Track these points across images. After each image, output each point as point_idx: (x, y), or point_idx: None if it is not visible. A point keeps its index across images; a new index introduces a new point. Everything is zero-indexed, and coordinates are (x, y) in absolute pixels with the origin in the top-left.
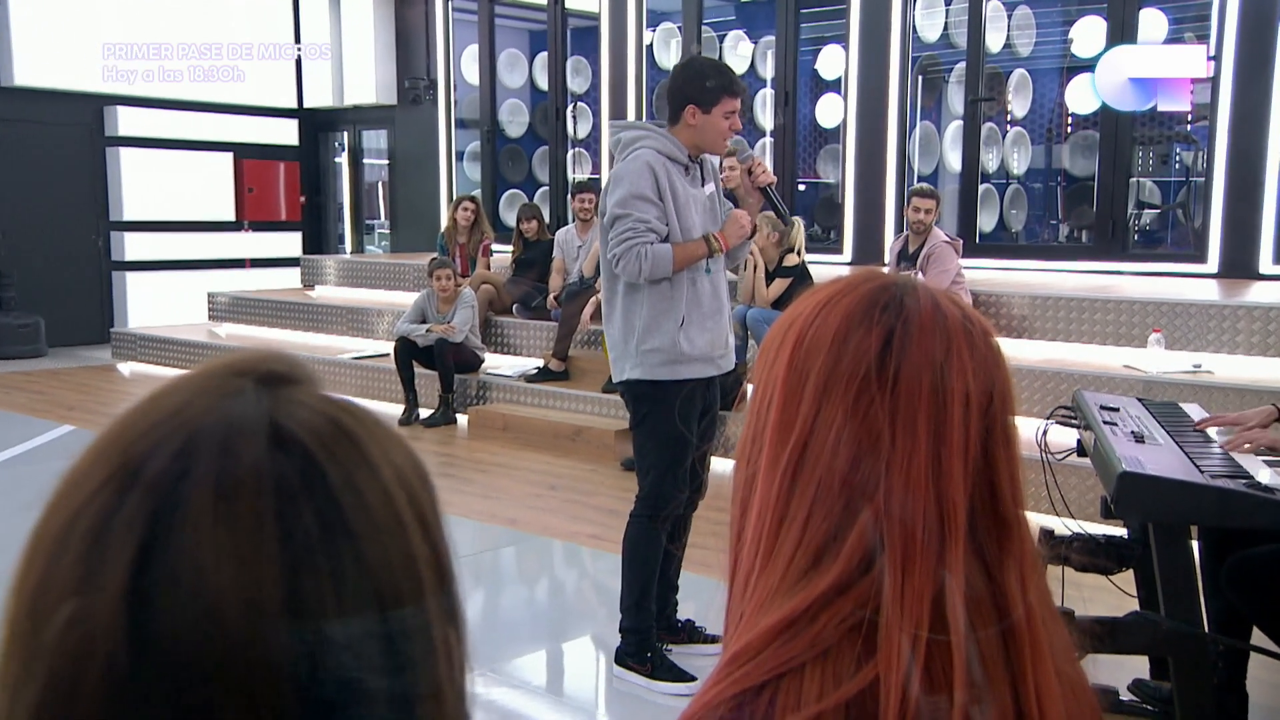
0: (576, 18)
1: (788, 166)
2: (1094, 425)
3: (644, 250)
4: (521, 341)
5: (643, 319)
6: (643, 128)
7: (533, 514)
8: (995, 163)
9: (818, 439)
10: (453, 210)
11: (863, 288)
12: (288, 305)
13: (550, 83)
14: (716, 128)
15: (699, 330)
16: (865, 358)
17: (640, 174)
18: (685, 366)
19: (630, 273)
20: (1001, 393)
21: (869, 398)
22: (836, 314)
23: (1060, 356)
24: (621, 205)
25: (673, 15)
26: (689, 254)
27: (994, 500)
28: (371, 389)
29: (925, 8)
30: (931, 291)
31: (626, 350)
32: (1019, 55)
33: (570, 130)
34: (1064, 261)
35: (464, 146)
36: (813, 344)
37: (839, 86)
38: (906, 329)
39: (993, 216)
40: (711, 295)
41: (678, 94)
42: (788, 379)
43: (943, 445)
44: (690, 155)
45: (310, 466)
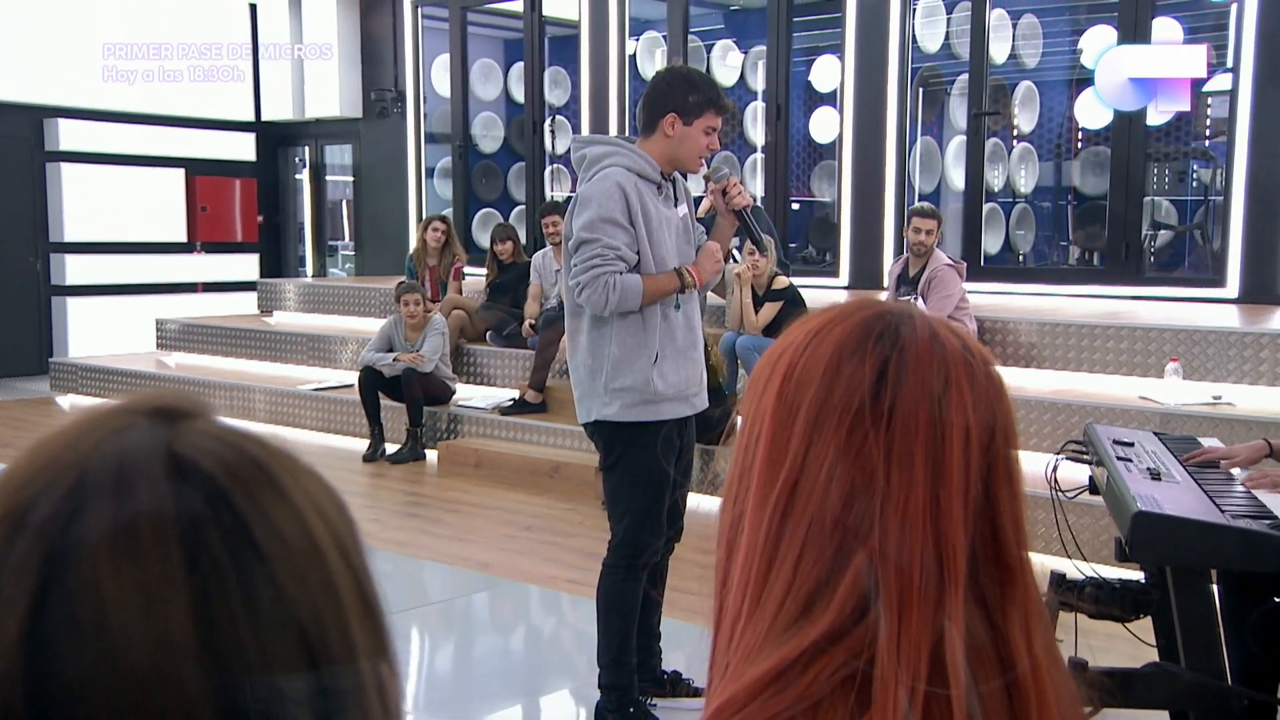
0: (555, 26)
1: (780, 184)
2: (1107, 461)
3: (612, 280)
4: (495, 371)
5: (612, 355)
6: (610, 142)
7: (507, 557)
8: (1001, 181)
9: (809, 476)
10: (422, 231)
11: (856, 316)
12: (243, 333)
13: (527, 95)
14: (695, 142)
15: (673, 367)
16: (859, 390)
17: (610, 195)
18: (659, 406)
19: (595, 304)
20: (1004, 427)
21: (863, 432)
22: (828, 344)
23: (1071, 387)
24: (589, 229)
25: (657, 24)
26: (660, 288)
27: (996, 542)
28: (334, 422)
29: (925, 17)
30: (929, 320)
31: (594, 388)
32: (1025, 66)
33: (548, 145)
34: (1074, 286)
35: (434, 163)
36: (803, 375)
37: (834, 99)
38: (902, 360)
39: (998, 238)
40: (685, 329)
41: (659, 100)
42: (777, 412)
43: (941, 483)
44: (663, 172)
45: (215, 493)
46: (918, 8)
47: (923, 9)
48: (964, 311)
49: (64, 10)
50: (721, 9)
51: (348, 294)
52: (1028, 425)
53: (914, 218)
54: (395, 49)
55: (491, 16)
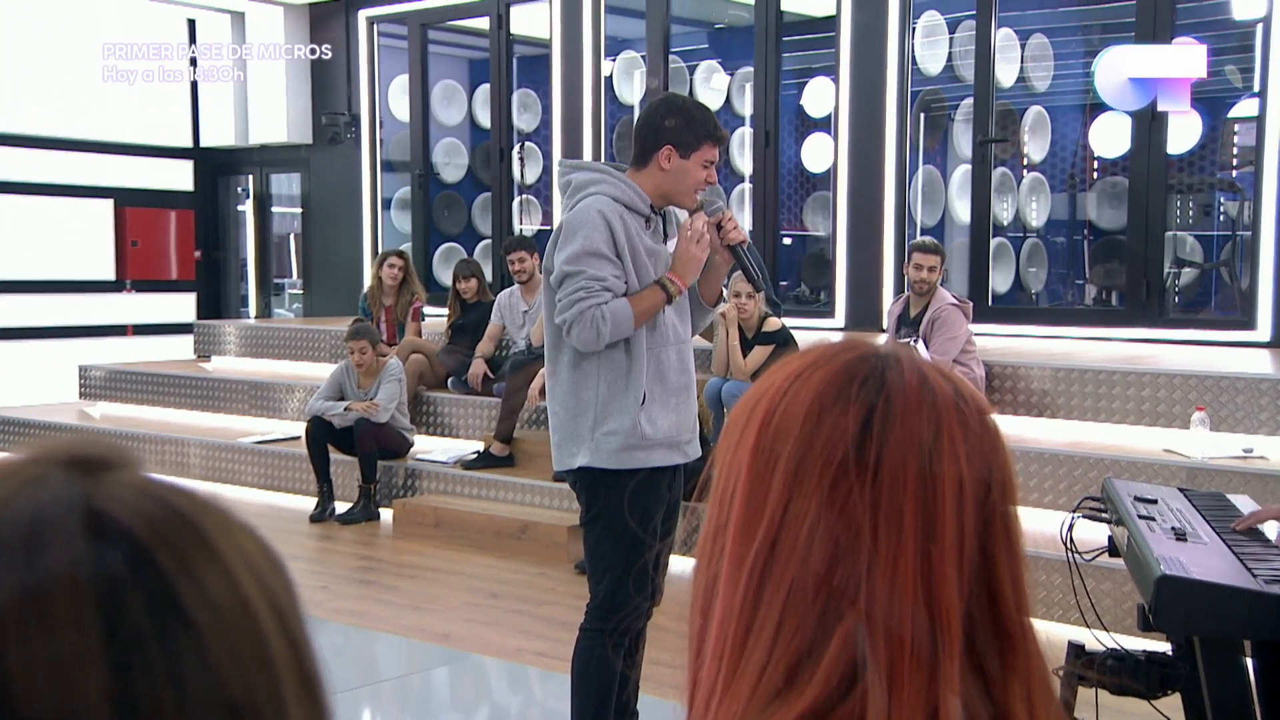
0: (524, 45)
1: (769, 217)
2: (1127, 520)
3: (600, 312)
4: (458, 421)
5: (599, 395)
6: (598, 169)
7: (470, 628)
8: (1009, 213)
9: (789, 534)
10: (377, 267)
11: (839, 359)
12: (178, 380)
13: (493, 119)
14: (692, 177)
15: (663, 410)
16: (842, 440)
17: (594, 226)
18: (647, 453)
19: (587, 341)
20: (1001, 481)
21: (847, 486)
22: (809, 389)
23: (1087, 439)
24: (572, 262)
25: (635, 43)
26: (647, 304)
27: (994, 607)
28: (278, 479)
29: (926, 36)
30: (918, 363)
31: (577, 432)
32: (1035, 90)
33: (516, 174)
34: (1091, 328)
35: (391, 193)
36: (782, 424)
37: (828, 125)
38: (889, 407)
39: (1008, 275)
40: (678, 370)
41: (654, 132)
42: (753, 464)
43: (933, 541)
44: (653, 205)
45: (137, 553)
46: (918, 27)
47: (923, 28)
48: (970, 355)
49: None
50: (705, 27)
51: (295, 337)
52: (1041, 481)
53: (915, 253)
54: (349, 69)
55: (454, 34)
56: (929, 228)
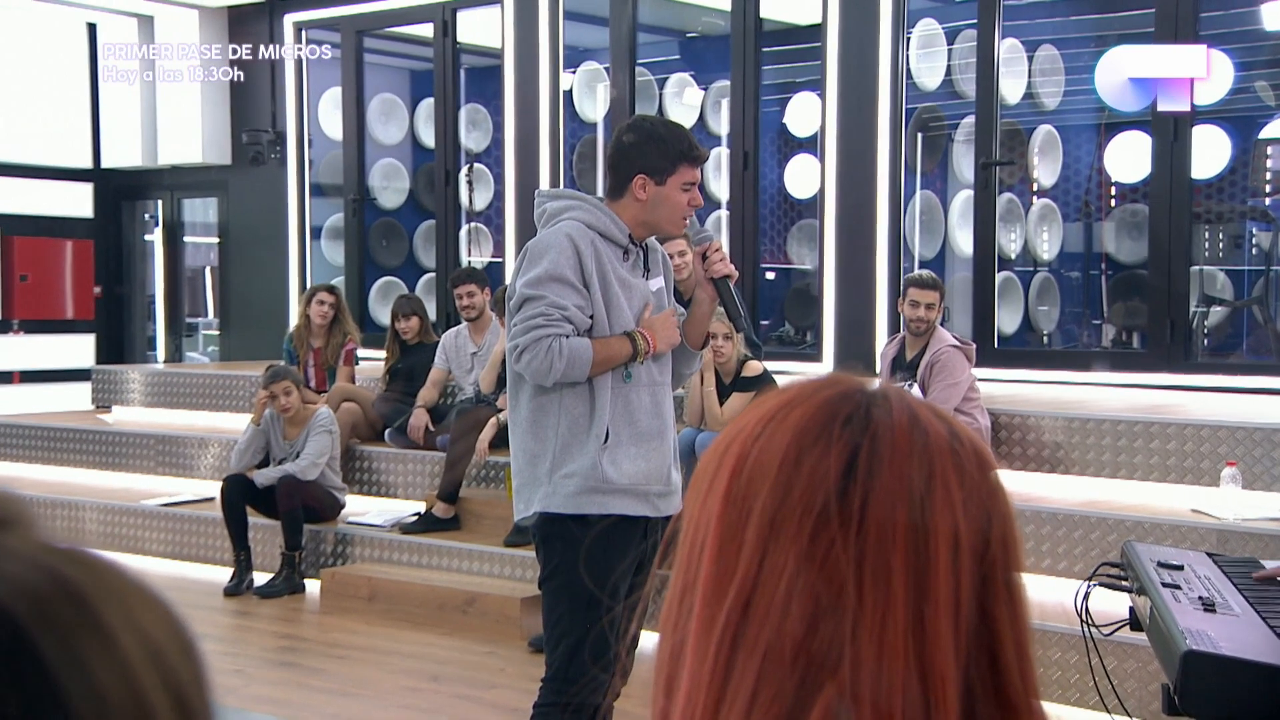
0: (472, 55)
1: (749, 248)
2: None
3: (557, 345)
4: (396, 478)
5: (559, 435)
6: (575, 197)
7: (408, 715)
8: (1017, 244)
9: (764, 594)
10: (305, 304)
11: (819, 396)
12: (73, 434)
13: (438, 138)
14: (672, 203)
15: (630, 454)
16: (823, 485)
17: (560, 249)
18: (607, 498)
19: (537, 370)
20: (1002, 534)
21: (829, 537)
22: (785, 430)
23: (1106, 497)
24: (534, 285)
25: (598, 53)
26: (610, 353)
27: (996, 676)
28: (188, 546)
29: (922, 47)
30: (908, 401)
31: (535, 475)
32: (1044, 108)
33: (464, 200)
34: (1109, 373)
35: (321, 220)
36: (755, 470)
37: (814, 146)
38: (875, 449)
39: (1015, 314)
40: (651, 413)
41: (624, 160)
42: (725, 515)
43: (925, 601)
44: (633, 237)
45: (17, 640)
46: (913, 36)
47: (919, 38)
48: (973, 404)
49: None
50: (676, 36)
51: (210, 384)
52: (1053, 545)
53: (912, 289)
54: (274, 81)
55: (394, 42)
56: (927, 260)
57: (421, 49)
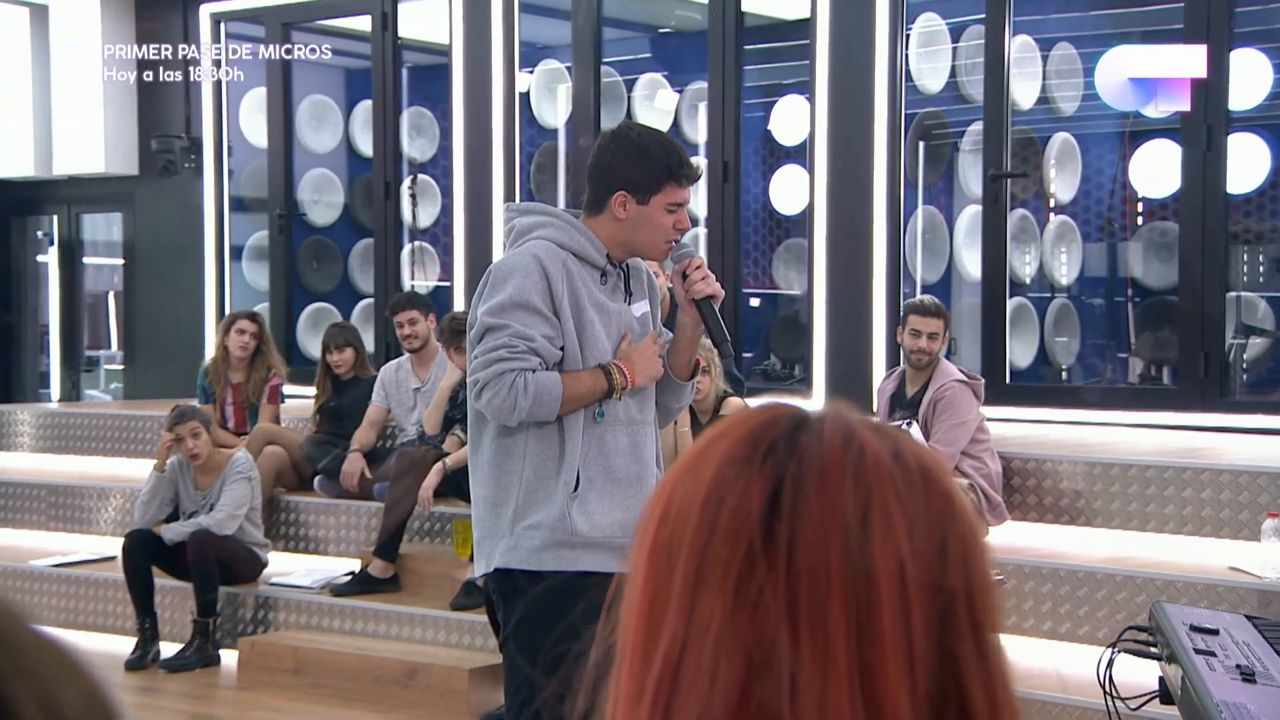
0: (416, 51)
1: (730, 270)
2: (1181, 656)
3: (522, 380)
4: (327, 533)
5: (524, 480)
6: (546, 213)
7: None
8: (1031, 267)
9: (693, 654)
10: (223, 334)
11: (744, 426)
12: None
13: (377, 146)
14: (655, 226)
15: (603, 502)
16: (745, 526)
17: (526, 273)
18: (577, 553)
19: (499, 409)
20: (960, 555)
21: (756, 586)
22: (709, 466)
23: (1131, 553)
24: (497, 313)
25: (558, 50)
26: (582, 389)
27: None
28: (83, 613)
29: (924, 46)
30: (845, 420)
31: (497, 526)
32: (1061, 113)
33: (407, 215)
34: (1135, 412)
35: (243, 239)
36: (680, 514)
37: (802, 155)
38: (801, 478)
39: (1029, 346)
40: (629, 455)
41: (604, 174)
42: (652, 568)
43: (871, 647)
44: (611, 258)
45: None
46: (913, 33)
47: (920, 34)
48: (983, 446)
49: None
50: (647, 32)
51: (112, 426)
52: (1074, 606)
53: (912, 316)
54: (188, 80)
55: (326, 38)
56: (930, 285)
57: (358, 45)
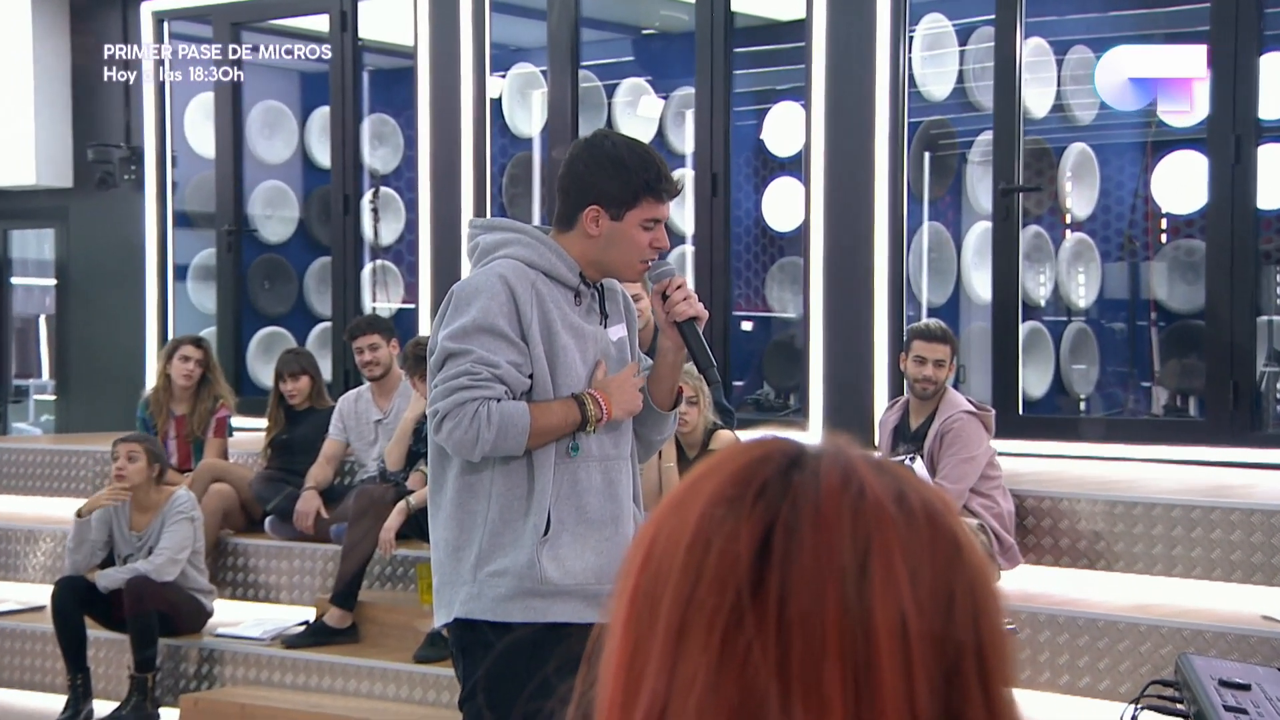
0: (378, 54)
1: (718, 292)
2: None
3: (485, 410)
4: (278, 579)
5: (488, 522)
6: (514, 229)
7: None
8: (1046, 289)
9: (674, 714)
10: (165, 361)
11: (735, 462)
12: None
13: (336, 156)
14: (629, 244)
15: (575, 546)
16: (733, 574)
17: (491, 294)
18: (547, 603)
19: (460, 442)
20: (969, 608)
21: (744, 641)
22: (694, 507)
23: (1156, 600)
24: (459, 338)
25: (533, 53)
26: (553, 421)
27: None
28: (10, 668)
29: (928, 49)
30: (845, 457)
31: (458, 572)
32: (1077, 123)
33: (368, 231)
34: (1159, 446)
35: (188, 257)
36: (663, 559)
37: (798, 167)
38: (794, 521)
39: (1044, 374)
40: (604, 494)
41: (576, 186)
42: (631, 619)
43: (870, 709)
44: (585, 277)
45: None
46: (917, 35)
47: (924, 37)
48: (993, 483)
49: None
50: (630, 33)
51: (43, 463)
52: (1093, 659)
53: (917, 342)
54: (128, 84)
55: (280, 38)
56: (936, 307)
57: (314, 46)
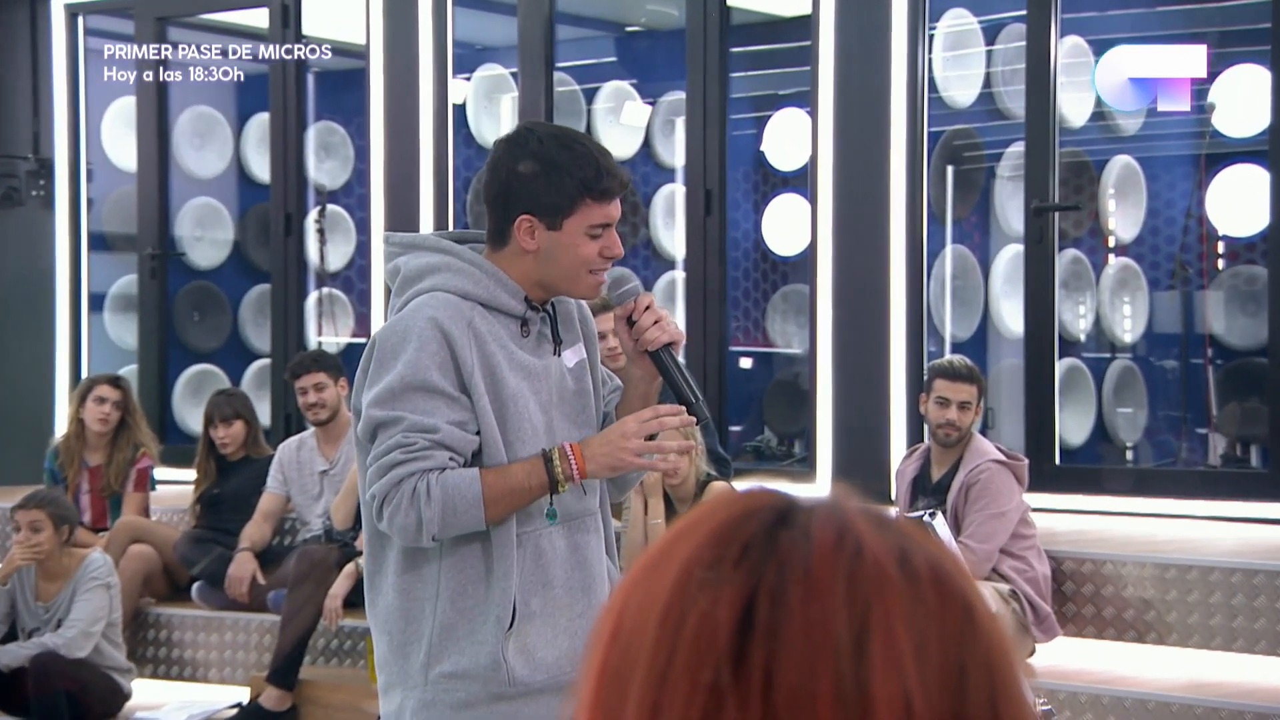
0: (326, 54)
1: (713, 324)
2: None
3: (424, 483)
4: (207, 654)
5: (438, 613)
6: (439, 249)
7: None
8: (1086, 320)
9: None
10: (78, 404)
11: (713, 520)
12: None
13: (276, 169)
14: (574, 255)
15: (545, 632)
16: (712, 650)
17: (421, 342)
18: (518, 706)
19: (402, 529)
20: (984, 686)
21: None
22: (669, 571)
23: (1214, 678)
24: (385, 403)
25: (502, 53)
26: (512, 484)
27: None
28: None
29: (950, 49)
30: (839, 512)
31: (405, 672)
32: (1121, 132)
33: (313, 255)
34: (1217, 502)
35: (106, 285)
36: (635, 630)
37: (803, 183)
38: (781, 587)
39: (1085, 419)
40: (571, 563)
41: (503, 193)
42: (600, 700)
43: None
44: (531, 300)
45: None
46: (937, 33)
47: (946, 36)
48: (1027, 544)
49: None
50: (612, 30)
51: None
52: None
53: (939, 382)
54: (36, 87)
55: (212, 35)
56: (961, 343)
57: (251, 44)
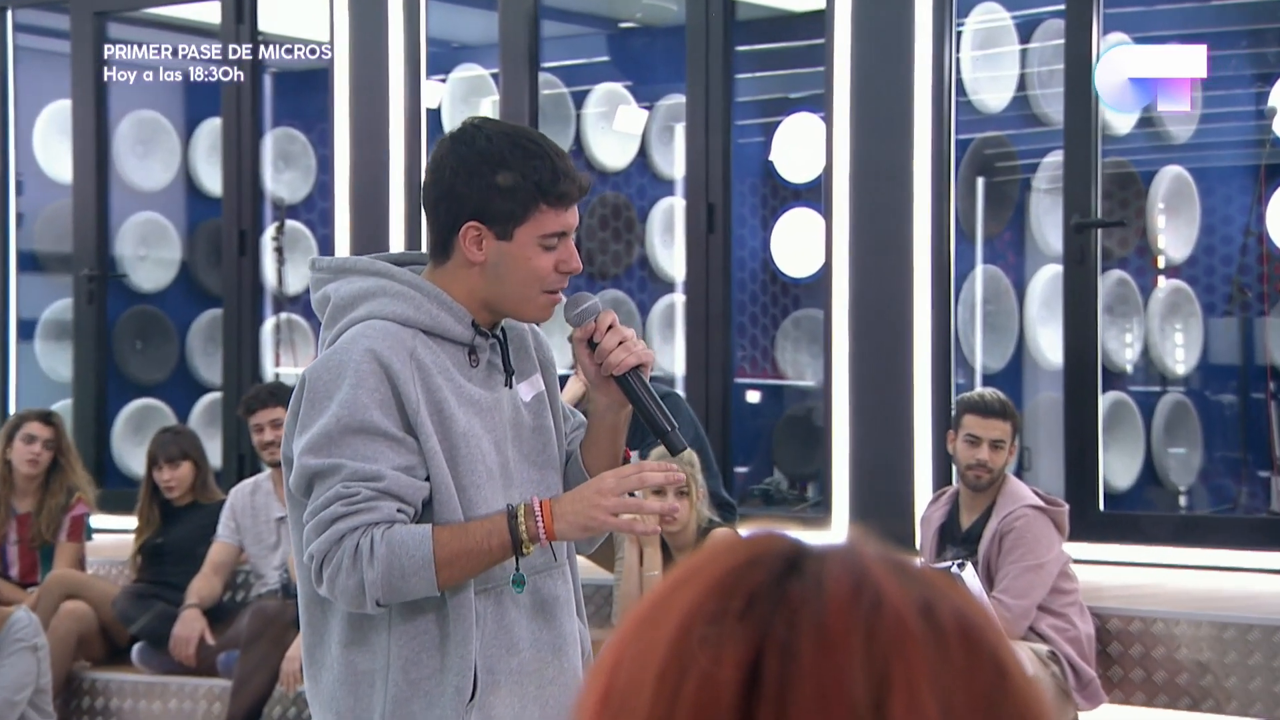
0: (285, 52)
1: (716, 354)
2: None
3: (366, 540)
4: None
5: (390, 686)
6: (374, 271)
7: None
8: (1133, 349)
9: None
10: (4, 443)
11: (714, 569)
12: None
13: (229, 181)
14: (526, 270)
15: (511, 701)
16: (715, 709)
17: (358, 378)
18: None
19: (346, 591)
20: None
21: None
22: (667, 624)
23: None
24: (320, 449)
25: (481, 51)
26: (469, 544)
27: None
28: None
29: (980, 47)
30: (856, 558)
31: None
32: (1171, 140)
33: (270, 277)
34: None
35: (37, 310)
36: (628, 693)
37: (816, 196)
38: (791, 640)
39: (1133, 459)
40: (532, 620)
41: (446, 199)
42: None
43: None
44: (480, 324)
45: None
46: (966, 30)
47: (975, 33)
48: (1068, 600)
49: None
50: (604, 27)
51: None
52: None
53: (969, 417)
54: None
55: (156, 32)
56: (993, 374)
57: (205, 43)
